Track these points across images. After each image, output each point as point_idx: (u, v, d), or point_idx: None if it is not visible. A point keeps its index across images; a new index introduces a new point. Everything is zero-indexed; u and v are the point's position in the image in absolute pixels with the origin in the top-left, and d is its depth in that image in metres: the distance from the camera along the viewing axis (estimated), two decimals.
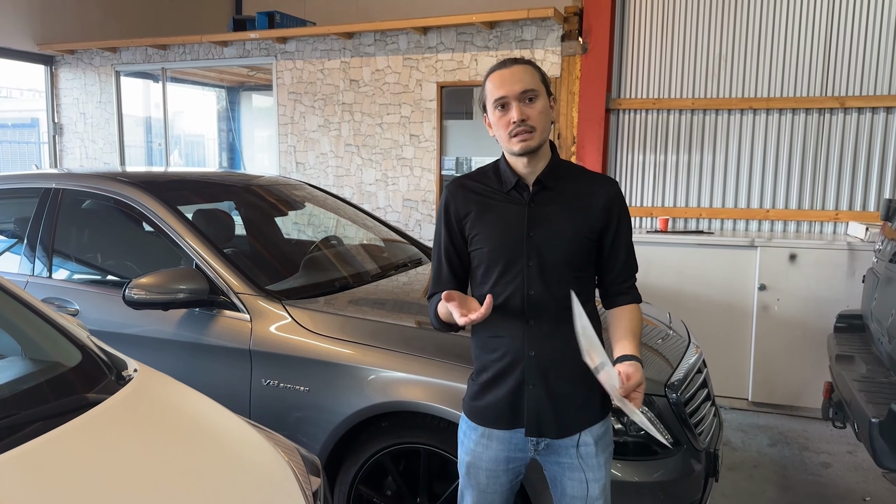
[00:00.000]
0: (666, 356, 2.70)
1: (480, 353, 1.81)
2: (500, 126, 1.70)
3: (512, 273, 1.71)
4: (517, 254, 1.71)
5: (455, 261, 1.81)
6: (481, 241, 1.74)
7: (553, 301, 1.70)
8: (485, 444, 1.80)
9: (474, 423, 1.82)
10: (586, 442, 1.77)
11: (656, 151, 5.07)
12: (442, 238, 1.81)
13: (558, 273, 1.70)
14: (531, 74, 1.68)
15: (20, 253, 3.16)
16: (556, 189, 1.74)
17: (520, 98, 1.66)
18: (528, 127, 1.66)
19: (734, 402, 4.58)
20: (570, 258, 1.71)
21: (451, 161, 5.55)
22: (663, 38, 4.97)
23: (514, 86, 1.66)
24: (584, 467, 1.77)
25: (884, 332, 3.00)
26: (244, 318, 2.60)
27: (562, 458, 1.79)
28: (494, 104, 1.69)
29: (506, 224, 1.72)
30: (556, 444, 1.78)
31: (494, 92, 1.68)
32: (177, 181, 3.54)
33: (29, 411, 1.57)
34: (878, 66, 4.53)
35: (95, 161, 6.99)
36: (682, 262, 4.62)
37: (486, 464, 1.81)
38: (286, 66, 6.01)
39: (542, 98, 1.69)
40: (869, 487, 3.49)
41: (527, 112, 1.66)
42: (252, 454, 1.71)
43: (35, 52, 6.70)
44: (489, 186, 1.77)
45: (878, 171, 4.62)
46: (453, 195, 1.80)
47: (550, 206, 1.73)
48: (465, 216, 1.77)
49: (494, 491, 1.83)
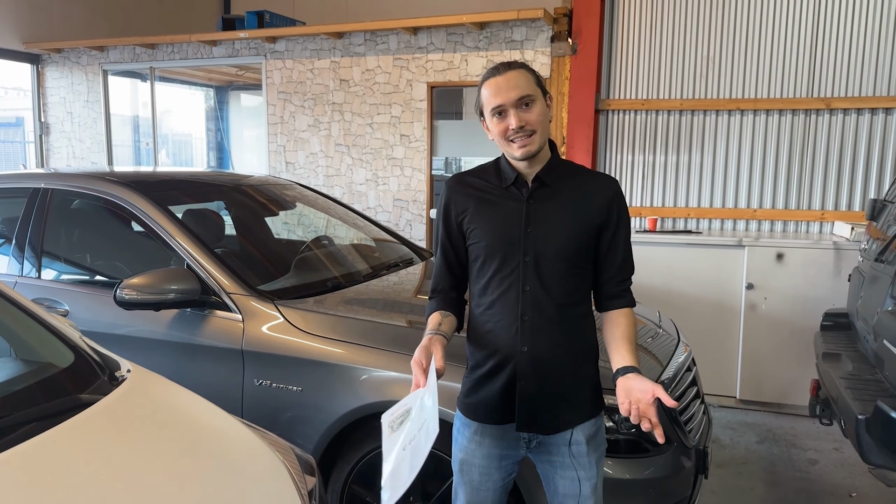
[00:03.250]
0: (656, 355, 2.72)
1: (475, 349, 1.82)
2: (499, 133, 1.69)
3: (508, 268, 1.72)
4: (514, 249, 1.71)
5: (452, 258, 1.82)
6: (479, 236, 1.75)
7: (548, 298, 1.71)
8: (478, 440, 1.81)
9: (468, 419, 1.83)
10: (578, 440, 1.78)
11: (645, 152, 5.11)
12: (440, 235, 1.82)
13: (554, 270, 1.71)
14: (526, 79, 1.68)
15: (8, 254, 3.13)
16: (555, 186, 1.74)
17: (516, 105, 1.66)
18: (528, 132, 1.66)
19: (722, 399, 4.62)
20: (567, 255, 1.71)
21: (441, 161, 5.55)
22: (652, 39, 5.00)
23: (511, 93, 1.65)
24: (575, 466, 1.78)
25: (869, 330, 3.04)
26: (236, 319, 2.60)
27: (553, 456, 1.80)
28: (492, 112, 1.69)
29: (504, 219, 1.73)
30: (547, 442, 1.79)
31: (491, 100, 1.68)
32: (167, 181, 3.52)
33: (21, 413, 1.56)
34: (863, 68, 4.58)
35: (83, 161, 6.94)
36: (671, 261, 4.65)
37: (478, 461, 1.81)
38: (276, 65, 5.99)
39: (539, 101, 1.69)
40: (855, 483, 3.54)
41: (525, 118, 1.66)
42: (247, 454, 1.71)
43: (21, 50, 6.63)
44: (489, 182, 1.78)
45: (863, 172, 4.67)
46: (452, 191, 1.81)
47: (549, 203, 1.73)
48: (464, 211, 1.77)
49: (487, 489, 1.83)
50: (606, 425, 2.23)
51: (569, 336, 1.75)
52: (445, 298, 1.84)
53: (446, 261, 1.82)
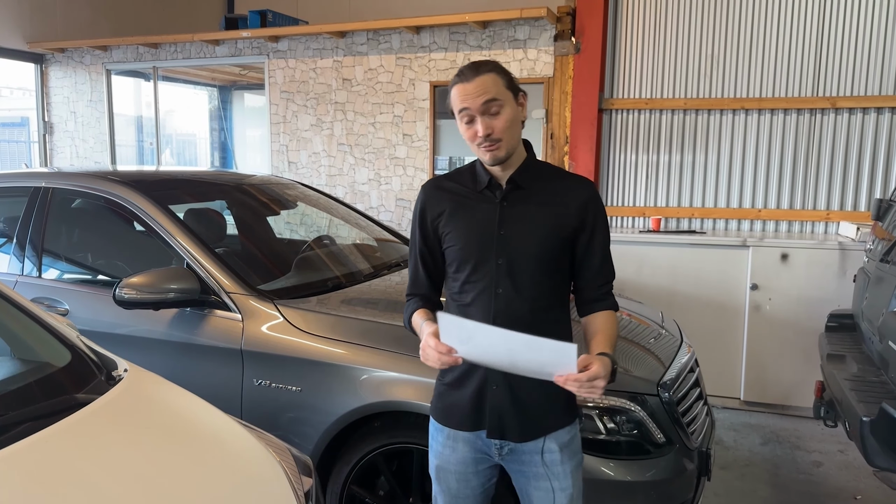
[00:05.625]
0: (658, 355, 2.70)
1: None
2: (468, 138, 1.68)
3: (482, 271, 1.70)
4: (488, 252, 1.69)
5: (429, 261, 1.82)
6: (453, 239, 1.74)
7: (521, 300, 1.69)
8: (451, 446, 1.78)
9: (440, 424, 1.81)
10: (551, 448, 1.74)
11: (649, 151, 5.08)
12: (417, 239, 1.82)
13: (528, 272, 1.68)
14: (494, 82, 1.63)
15: (9, 252, 3.13)
16: (529, 188, 1.72)
17: (483, 110, 1.62)
18: (494, 140, 1.64)
19: (726, 401, 4.60)
20: (540, 257, 1.69)
21: (444, 161, 5.54)
22: (656, 38, 4.98)
23: (477, 99, 1.61)
24: (549, 475, 1.74)
25: (874, 332, 3.02)
26: (236, 318, 2.59)
27: (526, 466, 1.75)
28: (460, 117, 1.67)
29: (477, 222, 1.72)
30: (519, 450, 1.75)
31: (458, 104, 1.65)
32: (168, 180, 3.52)
33: (18, 412, 1.55)
34: (868, 67, 4.55)
35: (86, 160, 6.95)
36: (675, 261, 4.63)
37: (454, 466, 1.79)
38: (278, 64, 5.99)
39: (508, 106, 1.65)
40: (860, 486, 3.51)
41: (491, 125, 1.63)
42: (243, 455, 1.70)
43: (25, 50, 6.65)
44: (464, 186, 1.77)
45: (868, 171, 4.64)
46: (427, 195, 1.80)
47: (522, 206, 1.71)
48: (439, 215, 1.76)
49: (466, 496, 1.80)
50: (608, 426, 2.22)
51: None
52: (422, 300, 1.83)
53: (423, 265, 1.82)
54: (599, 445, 2.21)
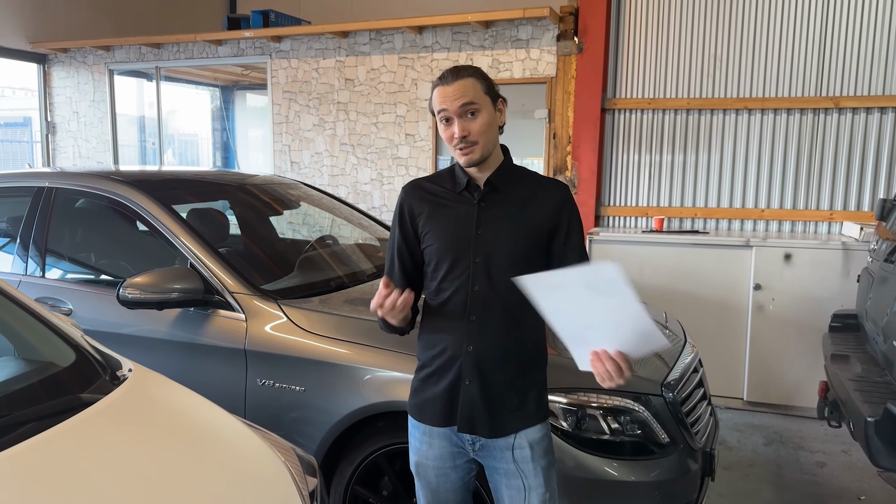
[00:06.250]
0: (662, 356, 2.69)
1: (423, 349, 1.84)
2: (445, 139, 1.74)
3: (459, 269, 1.75)
4: (465, 251, 1.74)
5: (407, 259, 1.85)
6: (432, 239, 1.79)
7: (496, 297, 1.73)
8: (428, 441, 1.82)
9: (415, 420, 1.84)
10: (521, 445, 1.77)
11: (651, 151, 5.08)
12: (396, 237, 1.86)
13: (504, 271, 1.72)
14: (473, 87, 1.69)
15: (13, 252, 3.13)
16: (505, 191, 1.78)
17: (460, 113, 1.68)
18: (469, 142, 1.69)
19: (730, 401, 4.59)
20: (517, 257, 1.73)
21: (447, 161, 5.54)
22: (659, 38, 4.97)
23: (455, 101, 1.68)
24: (521, 473, 1.77)
25: (879, 332, 3.01)
26: (239, 318, 2.59)
27: (498, 462, 1.79)
28: (439, 118, 1.73)
29: (456, 223, 1.77)
30: (490, 446, 1.78)
31: (437, 105, 1.72)
32: (171, 180, 3.52)
33: (22, 412, 1.55)
34: (871, 67, 4.54)
35: (89, 160, 6.96)
36: (678, 261, 4.62)
37: (432, 462, 1.83)
38: (281, 64, 5.99)
39: (486, 110, 1.71)
40: (864, 486, 3.50)
41: (468, 127, 1.69)
42: (248, 454, 1.70)
43: (28, 50, 6.65)
44: (443, 187, 1.82)
45: (872, 171, 4.63)
46: (408, 195, 1.85)
47: (499, 207, 1.77)
48: (419, 215, 1.81)
49: (447, 489, 1.84)
50: (612, 427, 2.22)
51: (517, 339, 1.77)
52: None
53: (401, 262, 1.85)
54: (603, 446, 2.21)
